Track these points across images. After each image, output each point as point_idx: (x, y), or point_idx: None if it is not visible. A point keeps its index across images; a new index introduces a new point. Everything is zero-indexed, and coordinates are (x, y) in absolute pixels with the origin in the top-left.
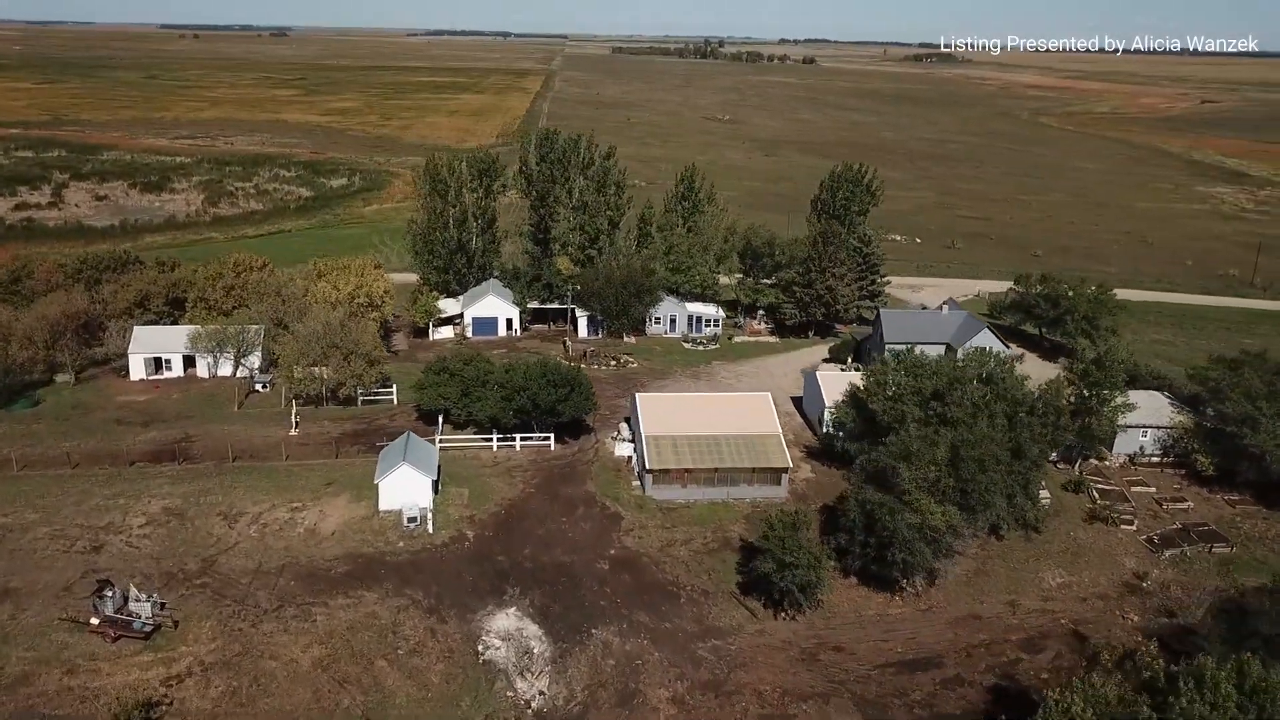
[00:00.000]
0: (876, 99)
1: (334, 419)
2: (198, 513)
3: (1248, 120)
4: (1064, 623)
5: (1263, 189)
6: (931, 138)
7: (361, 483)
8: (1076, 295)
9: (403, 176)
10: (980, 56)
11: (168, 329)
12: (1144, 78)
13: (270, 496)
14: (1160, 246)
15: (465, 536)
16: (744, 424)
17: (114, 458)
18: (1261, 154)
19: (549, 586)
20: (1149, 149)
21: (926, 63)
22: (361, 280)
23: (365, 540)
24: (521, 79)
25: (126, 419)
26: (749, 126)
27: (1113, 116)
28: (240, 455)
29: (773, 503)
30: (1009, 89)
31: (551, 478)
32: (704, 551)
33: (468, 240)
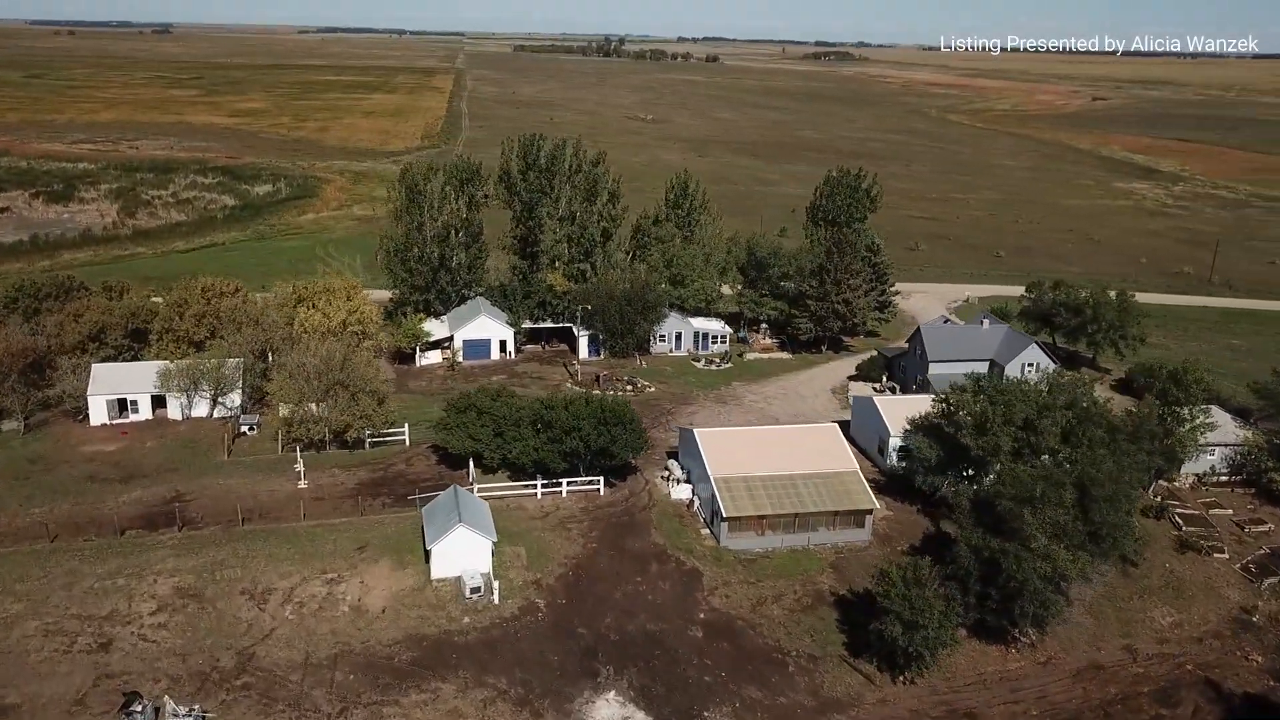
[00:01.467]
0: (788, 97)
1: (343, 466)
2: (218, 592)
3: (1138, 117)
4: (1189, 669)
5: (1176, 184)
6: (853, 136)
7: (400, 544)
8: (1104, 303)
9: (334, 182)
10: (877, 55)
11: (132, 366)
12: (1035, 75)
13: (297, 566)
14: (1108, 245)
15: (536, 606)
16: (817, 460)
17: (98, 525)
18: (1163, 150)
19: (644, 663)
20: (1059, 145)
21: (825, 61)
22: (353, 305)
23: (424, 617)
24: (430, 78)
25: (100, 474)
26: (673, 126)
27: (1015, 114)
28: (249, 516)
29: (855, 547)
30: (910, 87)
31: (611, 529)
32: (798, 609)
33: (451, 255)
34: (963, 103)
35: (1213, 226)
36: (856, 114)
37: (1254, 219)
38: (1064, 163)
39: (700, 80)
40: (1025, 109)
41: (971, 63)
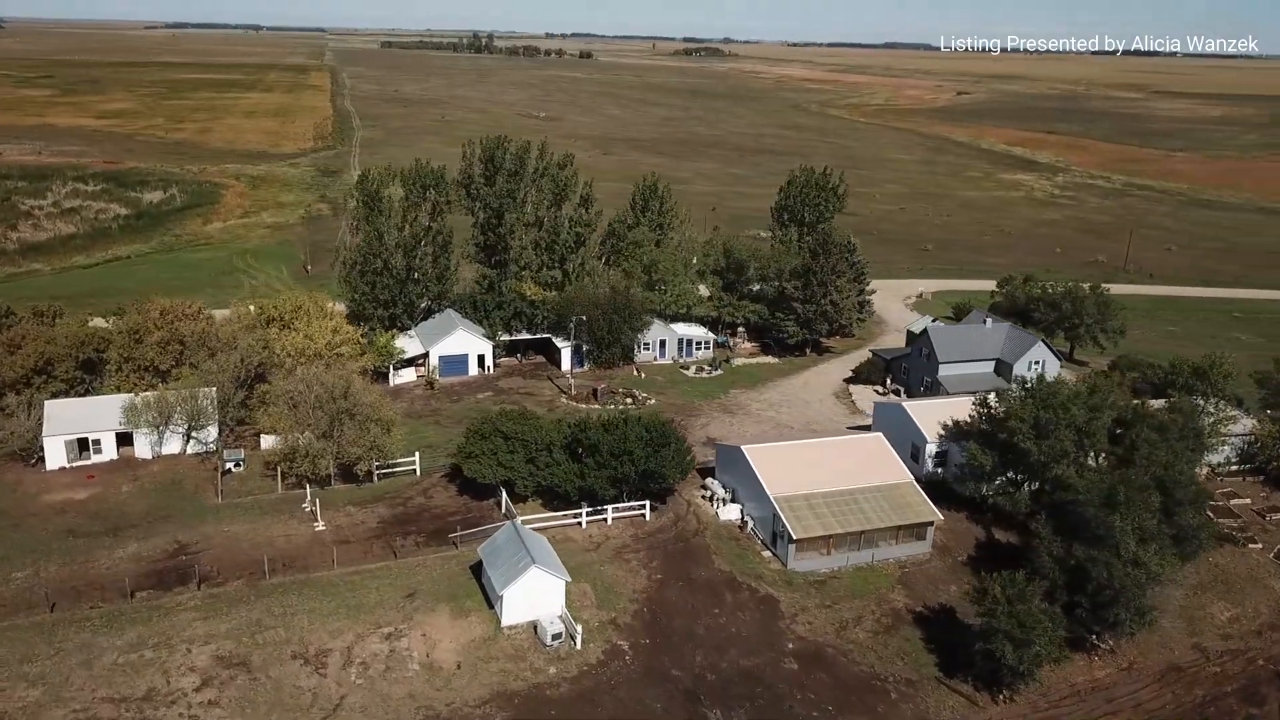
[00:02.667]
0: (671, 93)
1: (357, 503)
2: (266, 658)
3: (1002, 110)
4: (1262, 664)
5: (1056, 175)
6: (746, 132)
7: (453, 588)
8: (1082, 297)
9: (232, 187)
10: (745, 51)
11: (92, 401)
12: (899, 71)
13: (345, 622)
14: (1019, 235)
15: (620, 649)
16: (871, 472)
17: (100, 588)
18: (1035, 142)
19: (748, 703)
20: (941, 139)
21: (697, 57)
22: (335, 325)
23: (506, 671)
24: (305, 75)
25: (81, 528)
26: (568, 124)
27: (891, 108)
28: (273, 567)
29: (917, 560)
30: (785, 82)
31: (671, 557)
32: (881, 630)
33: (418, 266)
34: (838, 97)
35: (1103, 216)
36: (741, 110)
37: (1137, 207)
38: (950, 155)
39: (580, 77)
40: (898, 103)
41: (838, 59)
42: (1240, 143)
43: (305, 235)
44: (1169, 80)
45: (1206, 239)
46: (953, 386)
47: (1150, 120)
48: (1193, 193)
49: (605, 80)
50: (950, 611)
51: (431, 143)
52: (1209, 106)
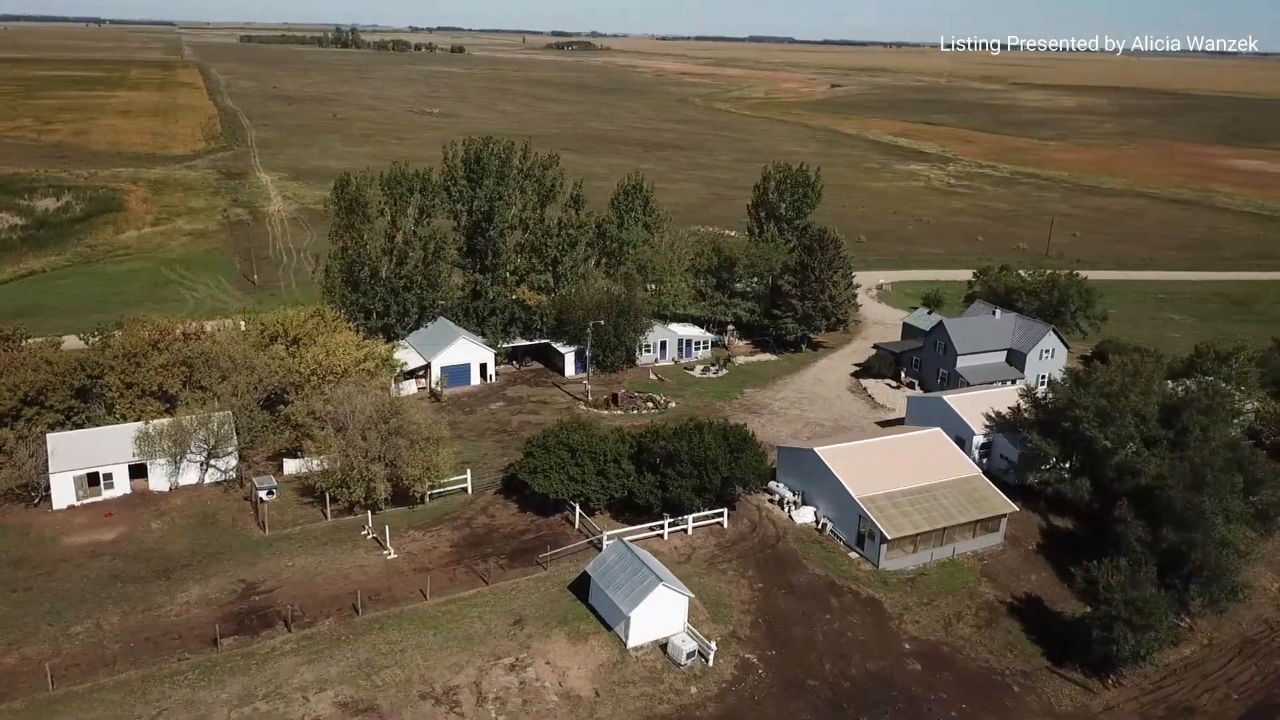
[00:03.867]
0: (557, 88)
1: (419, 527)
2: (395, 701)
3: (878, 102)
4: None
5: (948, 165)
6: (643, 126)
7: (561, 612)
8: (1064, 284)
9: (133, 193)
10: (614, 44)
11: (100, 432)
12: (769, 64)
13: (460, 654)
14: (939, 226)
15: (750, 663)
16: (941, 468)
17: (177, 637)
18: (918, 133)
19: (890, 707)
20: (830, 131)
21: (569, 50)
22: (361, 341)
23: (648, 695)
24: (172, 72)
25: (126, 572)
26: (465, 120)
27: (773, 101)
28: (359, 602)
29: (993, 552)
30: (664, 76)
31: (763, 565)
32: (982, 625)
33: (414, 273)
34: (720, 91)
35: (1003, 204)
36: (630, 104)
37: (1031, 195)
38: (845, 147)
39: (458, 71)
40: (779, 97)
41: (708, 52)
42: (1101, 131)
43: (232, 243)
44: (1023, 73)
45: (1104, 224)
46: (971, 377)
47: (1018, 111)
48: (1075, 179)
49: (488, 75)
50: (1038, 601)
51: (332, 141)
52: (1064, 97)
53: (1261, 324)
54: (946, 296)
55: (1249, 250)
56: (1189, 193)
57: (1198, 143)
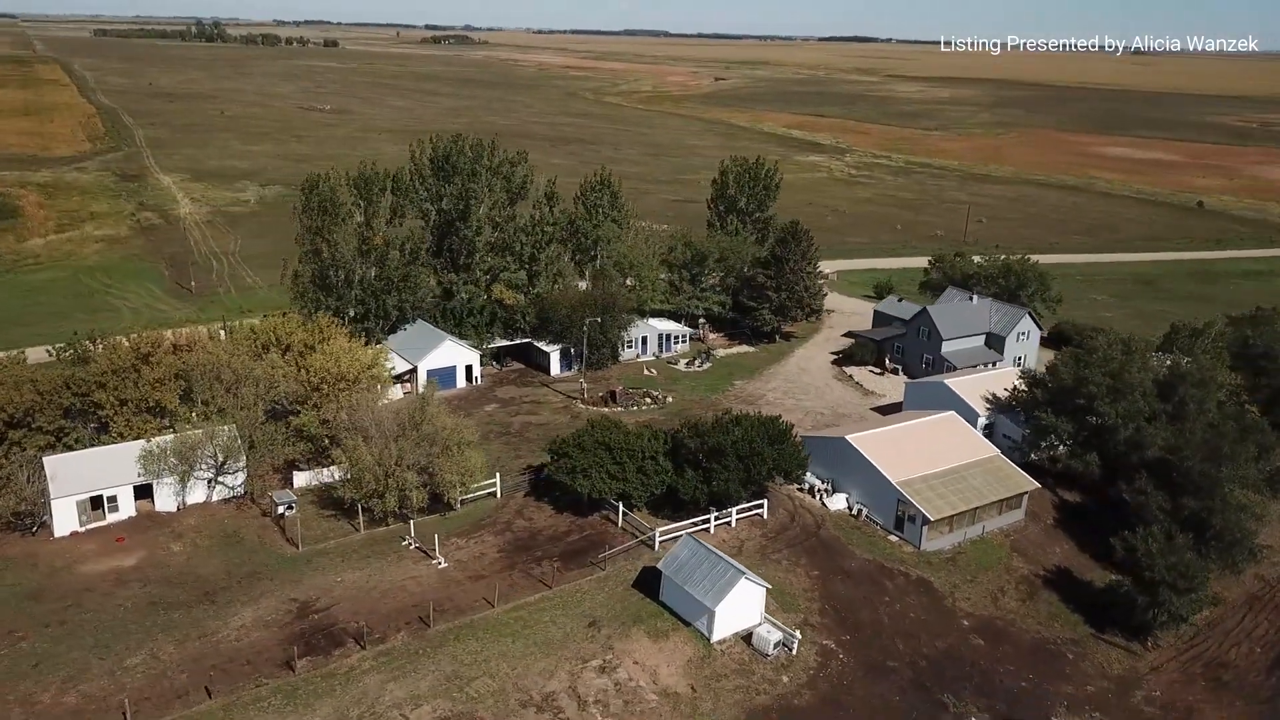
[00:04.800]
0: (444, 82)
1: (459, 534)
2: (497, 712)
3: (764, 95)
4: None
5: (844, 155)
6: (540, 121)
7: (633, 610)
8: (1028, 269)
9: (26, 198)
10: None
11: (100, 453)
12: (649, 58)
13: (546, 661)
14: (853, 215)
15: (829, 649)
16: (964, 450)
17: (245, 663)
18: (810, 125)
19: (967, 682)
20: (725, 124)
21: (446, 44)
22: (361, 347)
23: (743, 687)
24: (31, 68)
25: (162, 597)
26: (359, 116)
27: (662, 95)
28: (425, 616)
29: (1017, 528)
30: (547, 70)
31: (812, 553)
32: (1025, 598)
33: (393, 274)
34: (608, 85)
35: (906, 193)
36: (521, 98)
37: (929, 183)
38: (743, 140)
39: (337, 66)
40: (667, 90)
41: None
42: (977, 121)
43: (151, 248)
44: (893, 65)
45: (1003, 210)
46: (956, 361)
47: (898, 103)
48: (965, 168)
49: (369, 70)
50: (1067, 572)
51: (228, 140)
52: (937, 89)
53: (1172, 301)
54: (896, 284)
55: (1140, 233)
56: (1072, 179)
57: (1068, 131)
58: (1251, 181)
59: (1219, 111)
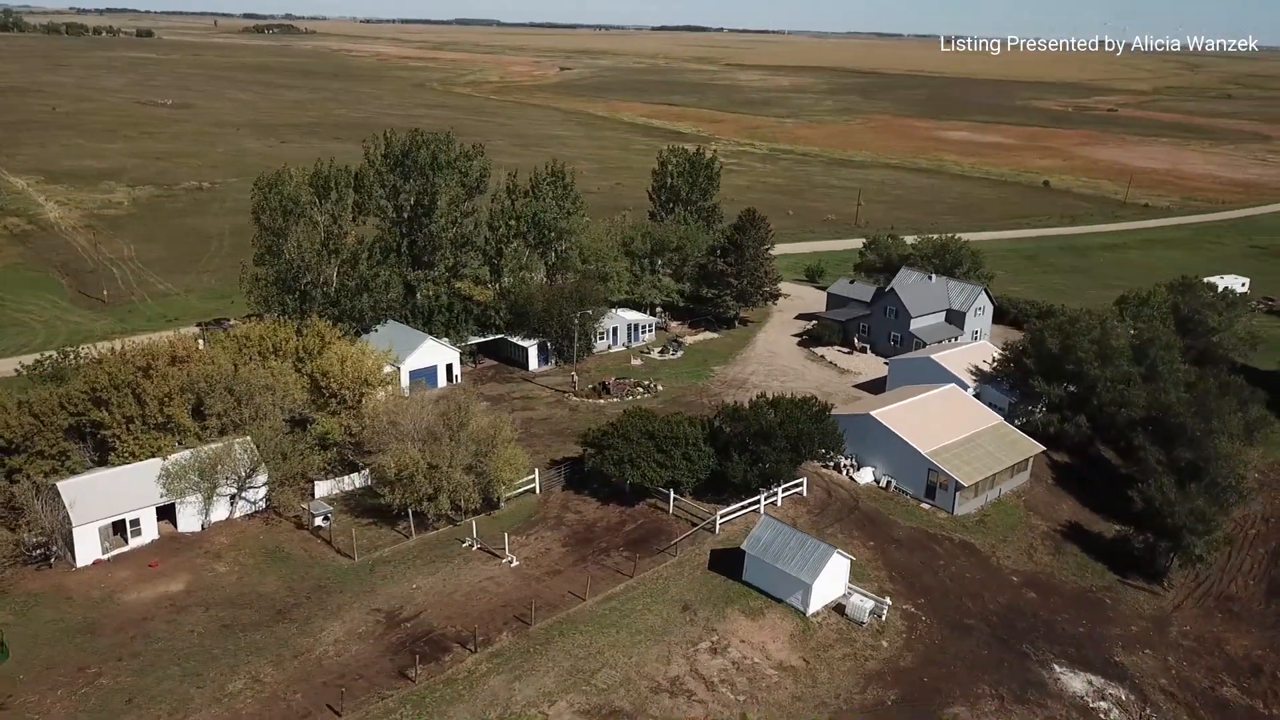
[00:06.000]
0: (280, 74)
1: (515, 532)
2: (633, 700)
3: (610, 85)
4: None
5: (711, 145)
6: (395, 113)
7: (720, 592)
8: (961, 248)
9: None
10: (319, 27)
11: (116, 474)
12: (487, 47)
13: (656, 647)
14: (741, 203)
15: (910, 613)
16: (972, 420)
17: (358, 678)
18: (665, 114)
19: (1038, 633)
20: (582, 114)
21: (270, 34)
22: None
23: (850, 655)
24: None
25: (235, 620)
26: (202, 111)
27: (513, 85)
28: (521, 614)
29: (1024, 490)
30: (387, 61)
31: (860, 525)
32: (1054, 552)
33: (366, 274)
34: (454, 76)
35: (780, 179)
36: (366, 89)
37: (796, 170)
38: (605, 130)
39: (156, 57)
40: (514, 80)
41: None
42: (823, 108)
43: (34, 257)
44: (728, 54)
45: (872, 194)
46: (925, 337)
47: (744, 91)
48: (827, 154)
49: (199, 62)
50: (1078, 526)
51: (73, 138)
52: (778, 77)
53: (1058, 274)
54: (826, 267)
55: (1001, 212)
56: (925, 162)
57: (908, 117)
58: (1083, 162)
59: (1035, 97)
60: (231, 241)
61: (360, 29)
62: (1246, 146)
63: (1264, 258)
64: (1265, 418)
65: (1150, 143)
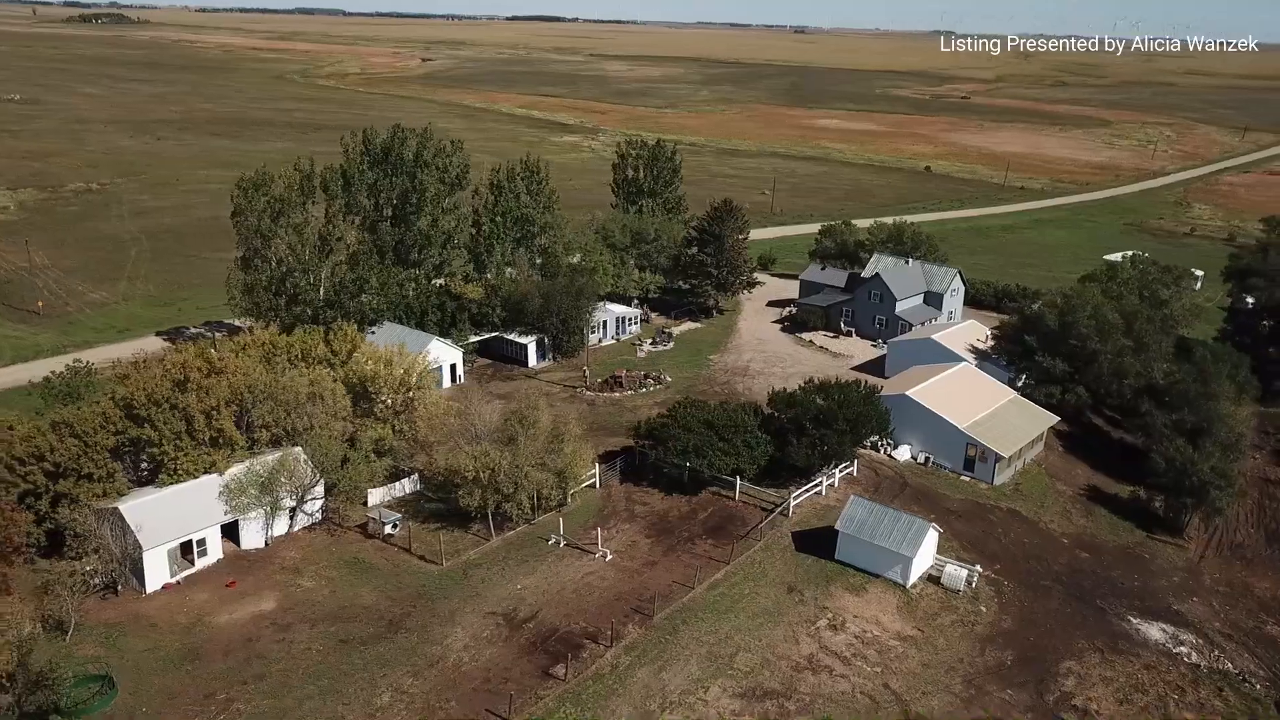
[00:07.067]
0: (127, 66)
1: (592, 526)
2: (780, 679)
3: (479, 76)
4: None
5: (597, 135)
6: (264, 107)
7: (817, 572)
8: (914, 233)
9: None
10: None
11: (177, 493)
12: (338, 38)
13: (779, 629)
14: None
15: (992, 578)
16: (991, 395)
17: (505, 680)
18: (542, 105)
19: (1104, 589)
20: (459, 105)
21: (99, 24)
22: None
23: (958, 622)
24: None
25: (352, 634)
26: (55, 107)
27: (382, 76)
28: (642, 606)
29: (1040, 459)
30: (235, 52)
31: (915, 499)
32: (1085, 515)
33: (366, 275)
34: (313, 67)
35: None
36: (223, 81)
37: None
38: (487, 121)
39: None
40: (378, 71)
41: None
42: (699, 98)
43: None
44: (587, 44)
45: (768, 183)
46: (909, 318)
47: (616, 81)
48: (714, 143)
49: (30, 54)
50: (1097, 489)
51: None
52: (645, 67)
53: (979, 254)
54: (776, 254)
55: (893, 197)
56: (810, 150)
57: (779, 105)
58: (954, 148)
59: (893, 85)
60: (151, 246)
61: (197, 18)
62: (1093, 131)
63: (1138, 234)
64: (1251, 380)
65: (1006, 128)
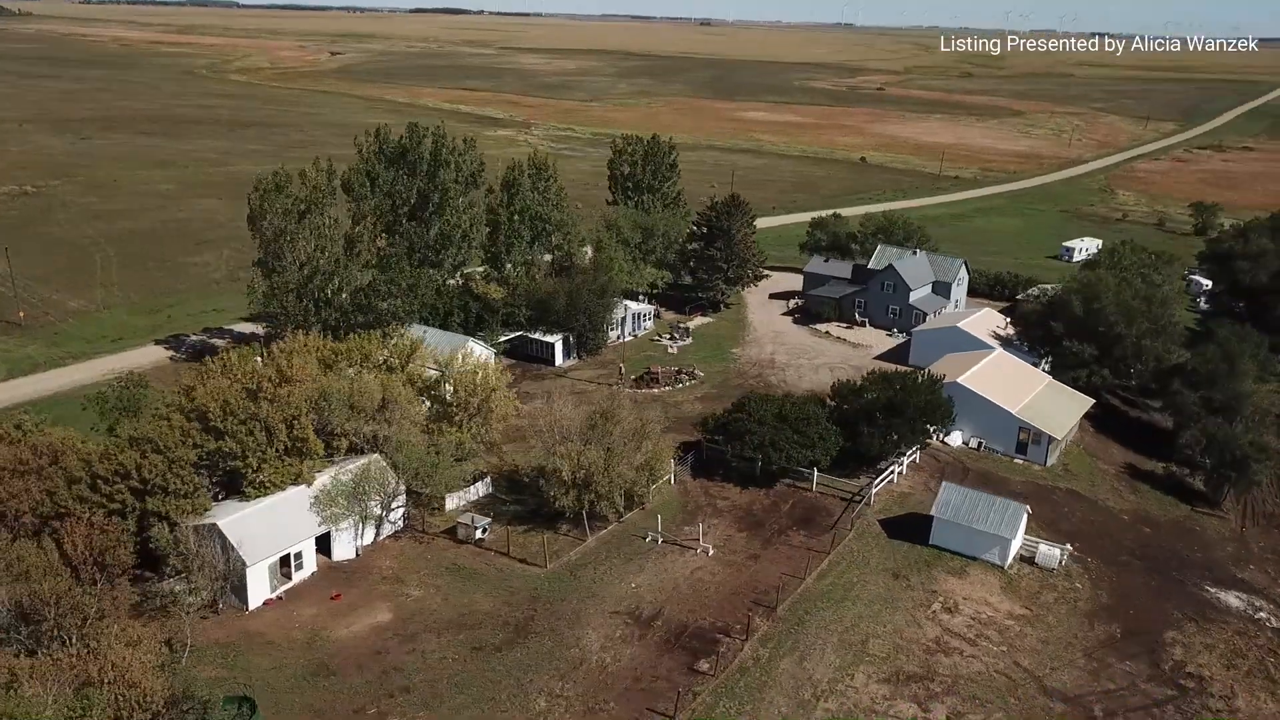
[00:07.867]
0: (20, 61)
1: (682, 522)
2: (916, 662)
3: (396, 70)
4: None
5: (530, 129)
6: (182, 104)
7: (919, 556)
8: (906, 224)
9: None
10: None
11: (270, 505)
12: (240, 31)
13: (899, 614)
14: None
15: (1078, 556)
16: (1029, 379)
17: (655, 678)
18: (469, 99)
19: (1171, 561)
20: (383, 100)
21: None
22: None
23: (1061, 599)
24: None
25: (483, 642)
26: None
27: (295, 71)
28: (760, 598)
29: (1077, 439)
30: (133, 46)
31: (981, 483)
32: (1134, 492)
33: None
34: (220, 61)
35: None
36: (135, 77)
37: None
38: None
39: None
40: (288, 65)
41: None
42: (621, 91)
43: None
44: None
45: (716, 175)
46: (922, 308)
47: (537, 75)
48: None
49: None
50: (1134, 467)
51: None
52: (561, 60)
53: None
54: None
55: (837, 188)
56: (745, 143)
57: (702, 98)
58: (884, 139)
59: (809, 77)
60: (117, 252)
61: (84, 10)
62: (1008, 121)
63: (1076, 220)
64: (1272, 359)
65: (926, 119)
